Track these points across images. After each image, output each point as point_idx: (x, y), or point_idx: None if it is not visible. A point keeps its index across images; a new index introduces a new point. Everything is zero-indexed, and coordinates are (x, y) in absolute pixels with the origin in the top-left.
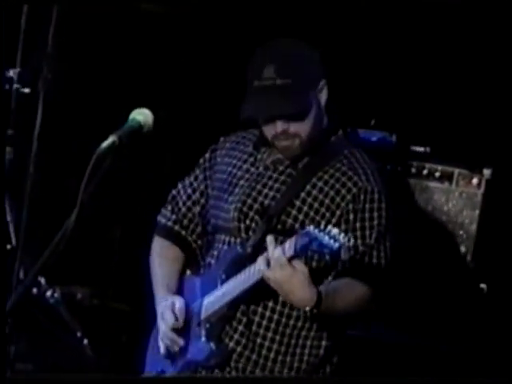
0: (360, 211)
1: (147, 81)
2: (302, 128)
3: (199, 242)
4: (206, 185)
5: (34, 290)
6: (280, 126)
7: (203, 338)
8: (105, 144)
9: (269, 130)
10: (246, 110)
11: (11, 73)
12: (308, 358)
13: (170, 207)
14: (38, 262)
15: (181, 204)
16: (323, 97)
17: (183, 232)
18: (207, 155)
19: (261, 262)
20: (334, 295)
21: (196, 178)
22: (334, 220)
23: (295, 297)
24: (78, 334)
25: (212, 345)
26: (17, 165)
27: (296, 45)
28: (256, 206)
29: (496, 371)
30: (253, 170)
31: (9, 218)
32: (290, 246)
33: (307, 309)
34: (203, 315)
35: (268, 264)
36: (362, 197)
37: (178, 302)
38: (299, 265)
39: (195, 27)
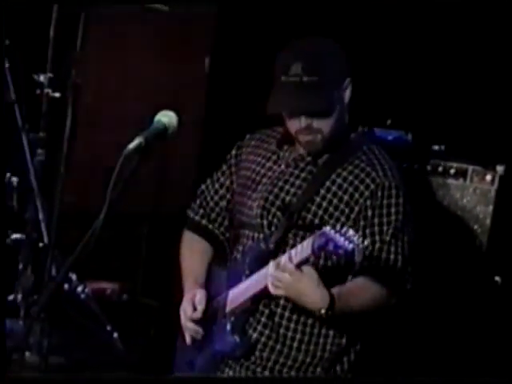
0: (378, 207)
1: (176, 81)
2: (324, 124)
3: (227, 235)
4: (231, 180)
5: (66, 286)
6: (304, 121)
7: (228, 331)
8: (131, 145)
9: (293, 125)
10: (271, 105)
11: (42, 78)
12: (331, 347)
13: (198, 201)
14: (69, 259)
15: (208, 198)
16: (347, 95)
17: (210, 226)
18: (233, 152)
19: (271, 267)
20: (348, 296)
21: (223, 174)
22: (352, 216)
23: (307, 300)
24: (108, 328)
25: (236, 337)
26: (48, 166)
27: (324, 43)
28: (278, 202)
29: (508, 366)
30: (275, 167)
31: (41, 217)
32: (307, 246)
33: (322, 312)
34: (228, 308)
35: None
36: (379, 193)
37: (199, 294)
38: (307, 269)
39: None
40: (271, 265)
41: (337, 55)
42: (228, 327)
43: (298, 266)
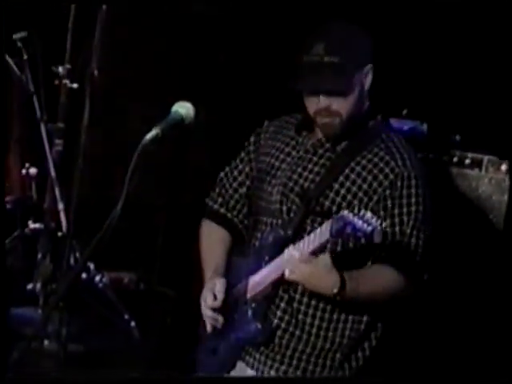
0: (397, 198)
1: (190, 75)
2: (343, 106)
3: (245, 222)
4: (250, 167)
5: (84, 275)
6: (323, 101)
7: (250, 317)
8: (148, 136)
9: (312, 106)
10: (292, 83)
11: (60, 69)
12: (349, 333)
13: (217, 189)
14: (87, 248)
15: (227, 186)
16: (368, 81)
17: (229, 214)
18: (252, 138)
19: (287, 253)
20: (359, 278)
21: (242, 161)
22: (371, 204)
23: (321, 284)
24: (126, 317)
25: (258, 323)
26: (66, 156)
27: (348, 27)
28: (296, 188)
29: None
30: (294, 153)
31: (59, 207)
32: (325, 230)
33: (335, 291)
34: (249, 295)
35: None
36: (399, 183)
37: (219, 284)
38: (321, 255)
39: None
40: (287, 250)
41: (361, 39)
42: (249, 314)
43: (316, 251)
